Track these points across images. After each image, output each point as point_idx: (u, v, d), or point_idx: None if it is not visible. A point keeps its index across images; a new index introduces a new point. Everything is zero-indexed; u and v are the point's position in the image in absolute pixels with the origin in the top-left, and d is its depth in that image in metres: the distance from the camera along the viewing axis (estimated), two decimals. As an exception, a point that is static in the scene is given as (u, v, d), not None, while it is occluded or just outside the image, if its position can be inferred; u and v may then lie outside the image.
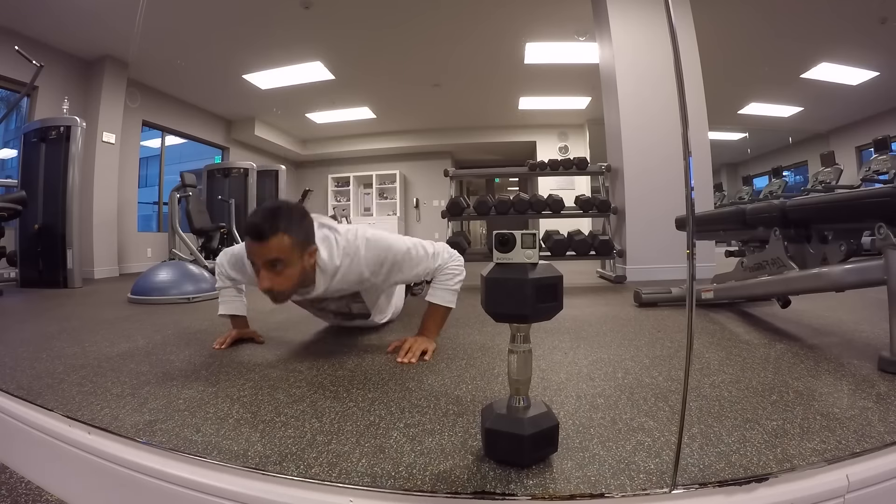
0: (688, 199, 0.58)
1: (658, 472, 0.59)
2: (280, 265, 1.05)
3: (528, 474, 0.60)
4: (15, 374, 1.10)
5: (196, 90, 5.62)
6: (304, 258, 1.10)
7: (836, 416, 0.75)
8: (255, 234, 1.03)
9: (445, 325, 1.34)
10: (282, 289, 1.08)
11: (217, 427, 0.77)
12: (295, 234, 1.06)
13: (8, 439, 0.90)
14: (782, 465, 0.60)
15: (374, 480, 0.60)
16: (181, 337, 1.53)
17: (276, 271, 1.06)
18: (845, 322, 1.53)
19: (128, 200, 4.93)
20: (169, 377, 1.06)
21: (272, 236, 1.03)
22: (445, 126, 7.52)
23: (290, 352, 1.32)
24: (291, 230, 1.06)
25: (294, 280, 1.09)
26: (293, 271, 1.08)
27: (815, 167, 6.34)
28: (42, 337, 1.57)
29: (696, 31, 3.24)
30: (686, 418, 0.74)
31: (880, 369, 0.99)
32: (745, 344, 1.30)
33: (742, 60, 4.94)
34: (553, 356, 1.20)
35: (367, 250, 1.19)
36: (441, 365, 1.14)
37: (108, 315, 2.05)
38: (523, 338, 0.65)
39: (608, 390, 0.92)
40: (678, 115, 0.58)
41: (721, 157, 8.18)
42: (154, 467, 0.68)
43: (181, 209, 4.41)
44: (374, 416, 0.81)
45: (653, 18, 3.22)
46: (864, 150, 6.56)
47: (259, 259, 1.06)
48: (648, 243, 3.12)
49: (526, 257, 0.62)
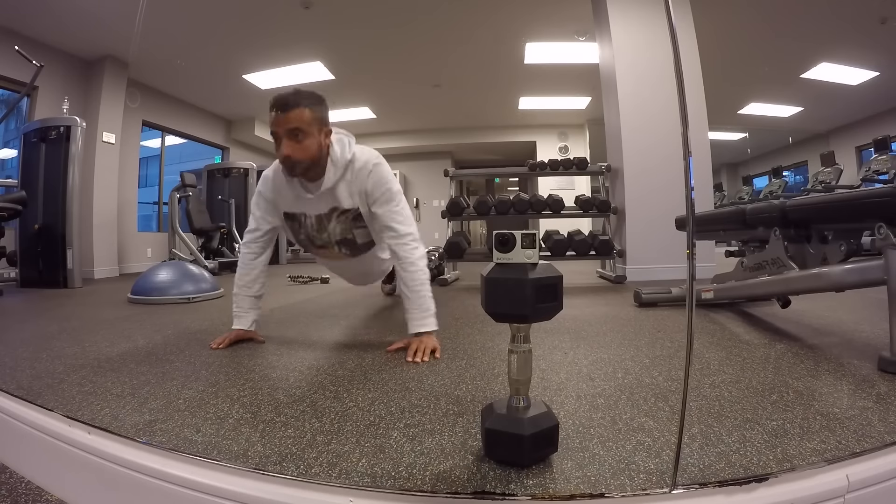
0: (688, 199, 0.58)
1: (658, 472, 0.59)
2: (300, 135, 1.18)
3: (528, 474, 0.60)
4: (15, 374, 1.09)
5: (196, 90, 5.62)
6: (321, 136, 1.23)
7: (836, 416, 0.75)
8: (280, 104, 1.16)
9: (446, 326, 1.34)
10: (299, 157, 1.20)
11: (217, 427, 0.77)
12: (314, 110, 1.20)
13: (8, 439, 0.90)
14: (782, 465, 0.60)
15: (374, 480, 0.60)
16: (181, 337, 1.53)
17: (297, 141, 1.18)
18: (845, 322, 1.53)
19: (128, 200, 4.93)
20: (169, 377, 1.06)
21: (295, 107, 1.17)
22: (445, 126, 7.52)
23: (291, 352, 1.32)
24: (312, 107, 1.19)
25: (311, 151, 1.21)
26: (311, 142, 1.20)
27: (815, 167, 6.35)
28: (42, 337, 1.57)
29: (696, 31, 3.24)
30: (686, 418, 0.74)
31: (880, 369, 0.99)
32: (745, 344, 1.30)
33: (742, 60, 4.94)
34: (553, 356, 1.20)
35: (375, 170, 1.30)
36: (441, 365, 1.14)
37: (108, 315, 2.05)
38: (523, 338, 0.65)
39: (608, 390, 0.92)
40: (678, 115, 0.58)
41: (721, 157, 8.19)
42: (154, 467, 0.68)
43: (181, 209, 4.42)
44: (374, 416, 0.81)
45: (653, 18, 3.22)
46: (864, 150, 6.56)
47: (282, 128, 1.17)
48: (648, 243, 3.11)
49: (526, 257, 0.62)
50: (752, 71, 5.22)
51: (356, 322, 1.77)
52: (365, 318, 1.85)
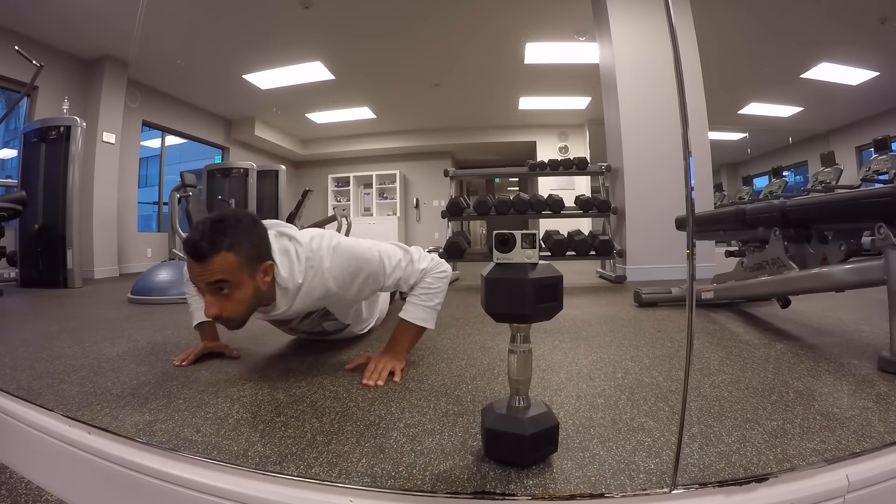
0: (688, 199, 0.58)
1: (658, 472, 0.59)
2: (227, 287, 0.90)
3: (528, 474, 0.60)
4: (15, 374, 1.10)
5: (196, 90, 5.61)
6: (258, 278, 0.94)
7: (836, 416, 0.75)
8: (193, 253, 0.87)
9: (445, 325, 1.33)
10: (231, 315, 0.93)
11: (217, 427, 0.77)
12: (243, 251, 0.90)
13: (8, 439, 0.90)
14: (782, 465, 0.60)
15: (374, 480, 0.60)
16: (181, 337, 1.53)
17: (223, 295, 0.90)
18: (845, 322, 1.53)
19: (128, 200, 4.93)
20: (169, 377, 1.06)
21: (214, 255, 0.87)
22: (445, 126, 7.52)
23: (291, 352, 1.32)
24: (238, 246, 0.89)
25: (245, 304, 0.93)
26: (243, 294, 0.92)
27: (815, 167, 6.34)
28: (42, 337, 1.57)
29: (696, 31, 3.24)
30: (686, 418, 0.74)
31: (880, 369, 0.99)
32: (745, 344, 1.30)
33: (742, 60, 4.93)
34: (553, 356, 1.20)
35: (333, 261, 1.02)
36: (441, 365, 1.14)
37: (108, 315, 2.05)
38: (523, 338, 0.65)
39: (608, 390, 0.92)
40: (678, 114, 0.58)
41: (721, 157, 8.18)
42: (154, 467, 0.68)
43: (181, 209, 4.41)
44: (374, 416, 0.81)
45: (653, 19, 3.21)
46: (864, 150, 6.56)
47: (201, 281, 0.90)
48: (648, 243, 3.11)
49: (526, 257, 0.62)
50: (752, 71, 5.22)
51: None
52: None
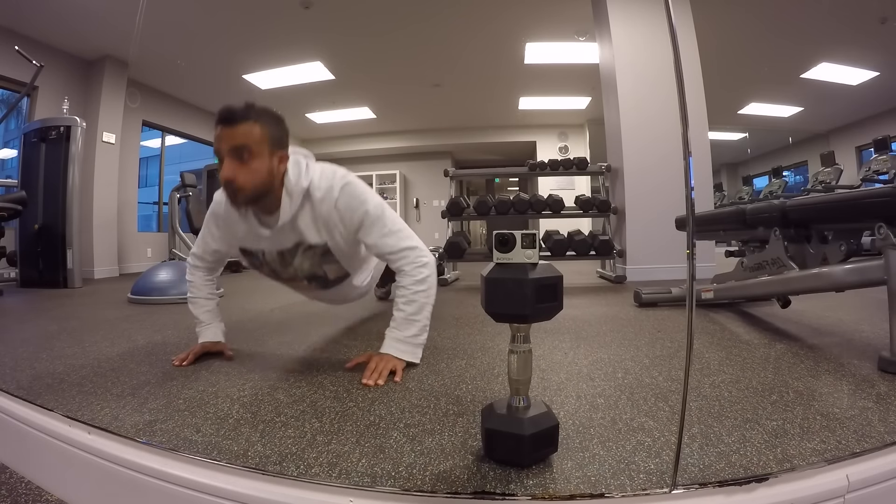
0: (688, 199, 0.58)
1: (658, 472, 0.59)
2: (247, 155, 0.97)
3: (528, 474, 0.60)
4: (15, 374, 1.10)
5: (196, 90, 5.61)
6: (274, 159, 1.01)
7: (836, 416, 0.75)
8: (225, 117, 0.96)
9: (446, 325, 1.33)
10: (244, 182, 0.98)
11: (217, 427, 0.77)
12: (268, 130, 0.99)
13: (8, 439, 0.90)
14: (782, 465, 0.60)
15: (374, 480, 0.60)
16: (181, 337, 1.53)
17: (241, 161, 0.97)
18: (845, 322, 1.53)
19: (128, 200, 4.92)
20: (169, 377, 1.06)
21: (243, 121, 0.97)
22: (445, 126, 7.52)
23: (291, 352, 1.32)
24: (265, 125, 0.99)
25: (259, 176, 0.99)
26: (259, 164, 0.98)
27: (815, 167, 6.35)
28: (42, 337, 1.57)
29: (696, 31, 3.24)
30: (686, 418, 0.74)
31: (880, 369, 0.99)
32: (745, 344, 1.30)
33: (742, 60, 4.94)
34: (553, 356, 1.20)
35: (342, 195, 1.07)
36: (441, 365, 1.14)
37: (108, 315, 2.05)
38: (523, 338, 0.65)
39: (608, 390, 0.92)
40: (678, 114, 0.58)
41: (721, 157, 8.19)
42: (154, 467, 0.68)
43: (181, 209, 4.41)
44: (374, 416, 0.81)
45: (653, 18, 3.22)
46: (864, 150, 6.56)
47: (225, 144, 0.97)
48: (648, 243, 3.12)
49: (526, 257, 0.62)
50: (751, 71, 5.22)
51: (356, 323, 1.77)
52: (361, 321, 1.85)
